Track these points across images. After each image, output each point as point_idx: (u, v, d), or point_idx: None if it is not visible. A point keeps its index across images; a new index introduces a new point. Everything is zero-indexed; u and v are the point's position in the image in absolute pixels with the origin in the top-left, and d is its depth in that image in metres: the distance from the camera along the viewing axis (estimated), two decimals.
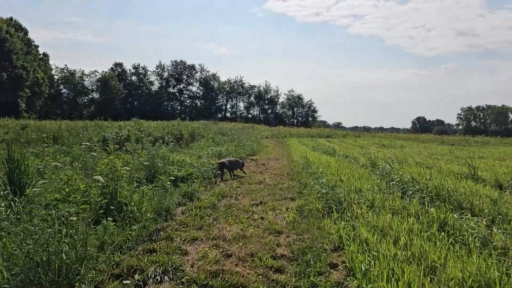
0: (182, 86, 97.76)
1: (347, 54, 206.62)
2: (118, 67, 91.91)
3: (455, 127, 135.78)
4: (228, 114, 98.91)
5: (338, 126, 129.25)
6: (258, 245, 4.99)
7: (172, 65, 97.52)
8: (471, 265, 3.56)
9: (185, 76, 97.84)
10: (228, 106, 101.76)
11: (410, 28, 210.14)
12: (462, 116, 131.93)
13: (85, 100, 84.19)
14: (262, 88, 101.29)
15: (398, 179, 7.61)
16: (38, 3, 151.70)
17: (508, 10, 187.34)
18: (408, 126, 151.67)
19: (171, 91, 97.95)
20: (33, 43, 66.84)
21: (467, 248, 4.07)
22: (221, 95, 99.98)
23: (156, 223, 5.68)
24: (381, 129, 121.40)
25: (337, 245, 4.84)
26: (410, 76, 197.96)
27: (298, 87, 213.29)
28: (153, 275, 3.98)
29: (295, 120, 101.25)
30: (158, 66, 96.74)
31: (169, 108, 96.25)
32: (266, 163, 15.24)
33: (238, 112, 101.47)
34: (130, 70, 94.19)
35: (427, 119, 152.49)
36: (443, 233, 4.54)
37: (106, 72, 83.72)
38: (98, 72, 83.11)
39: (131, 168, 9.83)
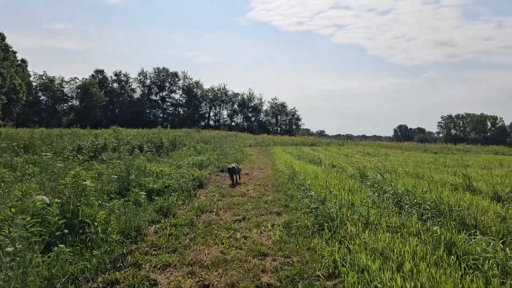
0: (164, 94, 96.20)
1: (330, 62, 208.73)
2: (99, 74, 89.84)
3: (435, 135, 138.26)
4: (211, 122, 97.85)
5: (321, 134, 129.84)
6: (241, 271, 4.32)
7: (155, 72, 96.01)
8: None
9: (167, 84, 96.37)
10: (212, 114, 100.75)
11: (391, 38, 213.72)
12: (442, 124, 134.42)
13: (64, 108, 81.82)
14: (245, 96, 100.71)
15: (392, 191, 7.06)
16: (18, 9, 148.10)
17: (483, 21, 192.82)
18: (390, 134, 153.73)
19: (154, 98, 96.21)
20: (10, 49, 64.73)
21: (484, 277, 3.49)
22: (204, 102, 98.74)
23: (122, 246, 4.94)
24: (363, 137, 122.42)
25: (331, 271, 4.21)
26: (391, 85, 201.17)
27: (282, 95, 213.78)
28: None
29: (279, 128, 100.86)
30: (140, 73, 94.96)
31: (151, 116, 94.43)
32: (250, 172, 14.62)
33: (221, 120, 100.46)
34: (112, 77, 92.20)
35: (408, 127, 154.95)
36: (452, 256, 3.97)
37: (86, 79, 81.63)
38: (78, 79, 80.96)
39: (103, 180, 9.10)
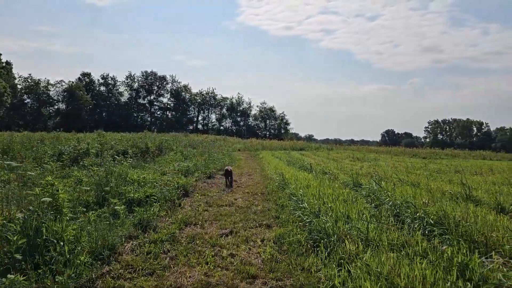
0: (152, 97, 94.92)
1: (319, 67, 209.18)
2: (86, 77, 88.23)
3: (422, 140, 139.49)
4: (199, 126, 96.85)
5: (310, 138, 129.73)
6: None
7: (143, 75, 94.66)
8: None
9: (155, 87, 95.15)
10: (200, 118, 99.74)
11: (378, 44, 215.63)
12: (429, 129, 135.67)
13: (50, 111, 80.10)
14: (234, 100, 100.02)
15: (390, 202, 6.59)
16: (2, 10, 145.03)
17: (470, 28, 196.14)
18: (378, 138, 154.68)
19: (141, 102, 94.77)
20: None
21: None
22: (192, 106, 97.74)
23: (91, 270, 4.34)
24: (351, 141, 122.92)
25: None
26: (379, 90, 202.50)
27: (271, 99, 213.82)
28: None
29: (268, 133, 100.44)
30: (128, 77, 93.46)
31: (139, 120, 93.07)
32: (238, 179, 14.09)
33: (210, 124, 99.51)
34: (99, 80, 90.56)
35: (396, 132, 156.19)
36: (469, 284, 3.49)
37: (72, 82, 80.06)
38: (64, 82, 79.24)
39: (81, 189, 8.47)
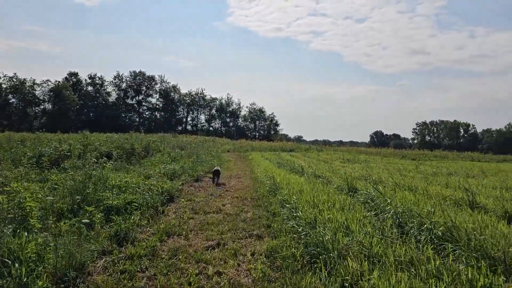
0: (141, 98, 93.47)
1: (308, 68, 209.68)
2: (73, 77, 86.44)
3: (410, 141, 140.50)
4: (188, 127, 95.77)
5: (299, 139, 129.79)
6: None
7: (131, 75, 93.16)
8: None
9: (144, 88, 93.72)
10: (189, 119, 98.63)
11: (367, 46, 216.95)
12: (417, 131, 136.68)
13: (36, 111, 78.19)
14: (224, 101, 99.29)
15: (391, 210, 6.07)
16: None
17: (456, 31, 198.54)
18: (367, 140, 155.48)
19: (130, 102, 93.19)
20: None
21: None
22: (181, 107, 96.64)
23: None
24: (340, 142, 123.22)
25: None
26: (367, 92, 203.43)
27: (260, 100, 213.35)
28: None
29: (257, 134, 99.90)
30: (116, 77, 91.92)
31: (127, 120, 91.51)
32: (227, 182, 13.51)
33: (199, 125, 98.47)
34: (86, 80, 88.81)
35: (384, 133, 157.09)
36: None
37: (59, 82, 78.23)
38: (50, 81, 77.39)
39: (56, 195, 7.80)
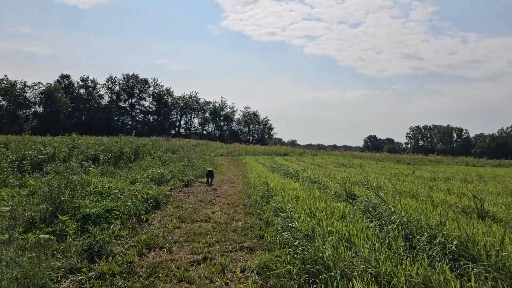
0: (134, 101, 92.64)
1: (302, 73, 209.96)
2: (65, 79, 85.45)
3: (404, 146, 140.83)
4: (182, 130, 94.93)
5: (293, 143, 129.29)
6: None
7: (124, 78, 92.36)
8: None
9: (137, 90, 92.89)
10: (182, 122, 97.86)
11: (361, 51, 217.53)
12: (411, 135, 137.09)
13: (27, 113, 76.94)
14: (217, 104, 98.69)
15: (397, 221, 5.51)
16: None
17: (449, 36, 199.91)
18: (360, 144, 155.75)
19: (122, 105, 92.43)
20: None
21: None
22: (175, 110, 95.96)
23: None
24: (334, 146, 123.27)
25: None
26: (361, 96, 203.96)
27: (254, 104, 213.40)
28: None
29: (251, 137, 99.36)
30: (108, 79, 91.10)
31: (119, 123, 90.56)
32: (219, 187, 12.94)
33: (192, 129, 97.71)
34: (78, 82, 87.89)
35: (378, 138, 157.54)
36: None
37: (50, 84, 77.10)
38: (42, 83, 76.17)
39: (31, 202, 7.17)
